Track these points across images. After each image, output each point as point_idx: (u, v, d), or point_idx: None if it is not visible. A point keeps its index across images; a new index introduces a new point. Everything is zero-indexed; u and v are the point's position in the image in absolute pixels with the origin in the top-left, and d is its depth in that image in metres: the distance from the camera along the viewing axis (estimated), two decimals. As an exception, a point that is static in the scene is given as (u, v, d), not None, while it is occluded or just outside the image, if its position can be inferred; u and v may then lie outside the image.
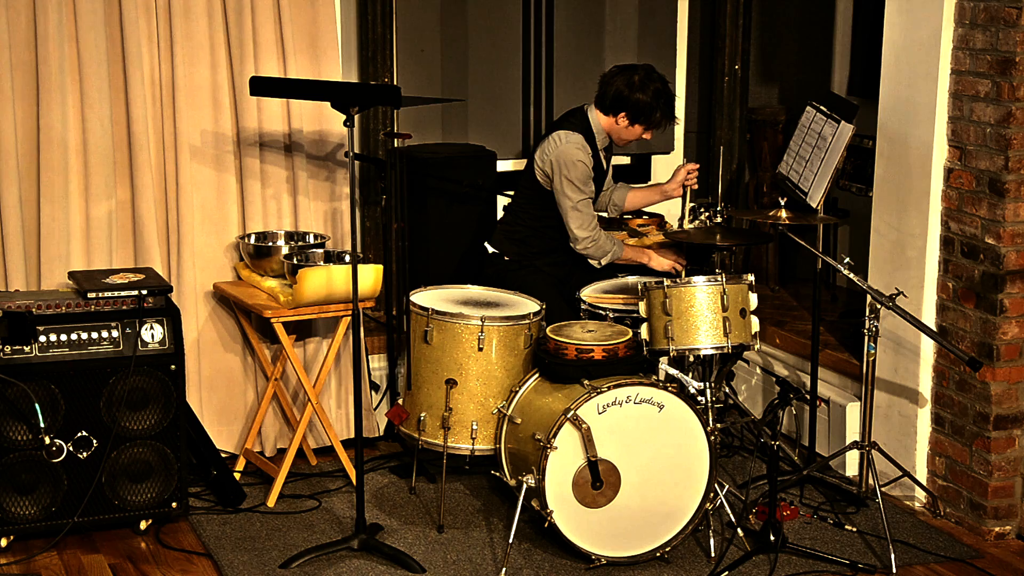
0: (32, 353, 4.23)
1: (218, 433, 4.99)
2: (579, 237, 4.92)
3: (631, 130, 4.97)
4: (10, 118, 4.56)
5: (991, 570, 4.24)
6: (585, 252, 4.96)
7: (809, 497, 4.74)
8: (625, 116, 4.94)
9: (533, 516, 4.28)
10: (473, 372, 4.44)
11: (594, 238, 4.93)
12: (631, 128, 4.96)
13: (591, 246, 4.94)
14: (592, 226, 4.93)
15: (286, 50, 4.90)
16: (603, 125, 4.98)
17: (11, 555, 4.24)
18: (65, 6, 4.58)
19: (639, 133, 4.98)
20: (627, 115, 4.93)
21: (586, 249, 4.94)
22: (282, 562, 4.19)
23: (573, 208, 4.90)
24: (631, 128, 4.96)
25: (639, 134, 4.98)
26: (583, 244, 4.93)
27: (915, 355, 4.67)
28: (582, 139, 4.90)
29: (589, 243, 4.93)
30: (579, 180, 4.88)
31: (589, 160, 4.90)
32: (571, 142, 4.89)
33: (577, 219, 4.91)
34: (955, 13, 4.43)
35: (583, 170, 4.88)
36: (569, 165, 4.87)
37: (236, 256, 4.96)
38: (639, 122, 4.94)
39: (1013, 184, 4.30)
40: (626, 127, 4.96)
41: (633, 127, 4.96)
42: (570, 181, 4.87)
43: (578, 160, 4.87)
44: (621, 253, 5.01)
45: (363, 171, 5.70)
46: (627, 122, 4.95)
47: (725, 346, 4.30)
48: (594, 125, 4.96)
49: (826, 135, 4.72)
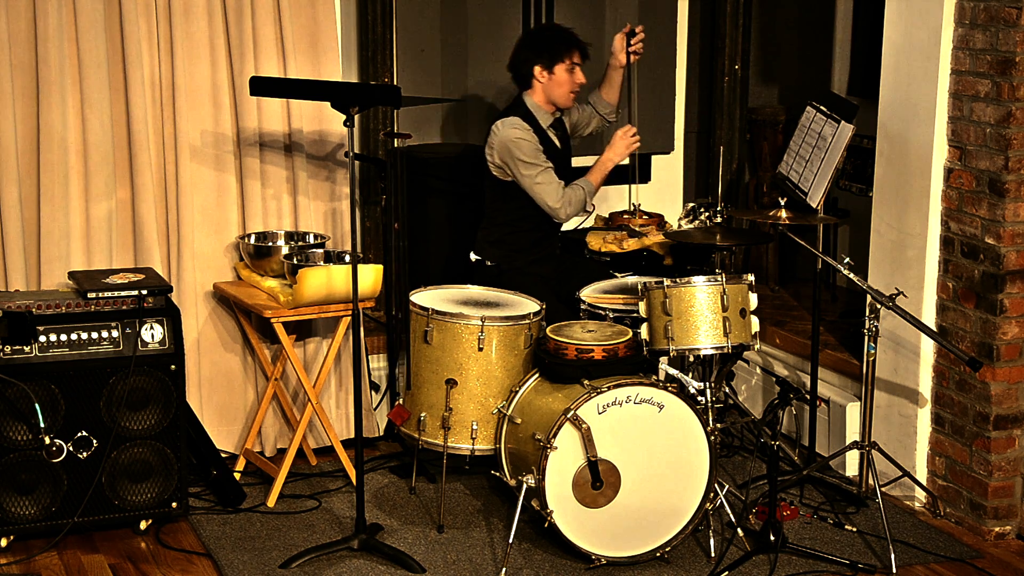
0: (32, 353, 4.23)
1: (218, 433, 4.99)
2: (554, 208, 4.94)
3: (557, 79, 4.97)
4: (10, 118, 4.56)
5: (991, 570, 4.24)
6: (567, 217, 5.00)
7: (809, 497, 4.74)
8: (540, 69, 4.96)
9: (533, 516, 4.28)
10: (473, 372, 4.44)
11: (567, 201, 4.95)
12: (554, 77, 4.97)
13: (569, 209, 4.97)
14: (559, 194, 4.94)
15: (286, 50, 4.90)
16: (537, 99, 5.01)
17: (11, 555, 4.24)
18: (65, 6, 4.58)
19: (565, 77, 4.97)
20: (540, 67, 4.96)
21: (567, 215, 4.98)
22: (282, 562, 4.19)
23: (534, 183, 4.91)
24: (554, 77, 4.97)
25: (567, 79, 4.98)
26: (562, 212, 4.96)
27: (915, 355, 4.67)
28: (518, 119, 4.94)
29: (566, 208, 4.95)
30: (528, 155, 4.90)
31: (530, 135, 4.92)
32: (506, 124, 4.93)
33: (542, 192, 4.92)
34: (955, 13, 4.43)
35: (528, 145, 4.90)
36: (512, 146, 4.89)
37: (236, 256, 4.96)
38: (552, 62, 4.95)
39: (1013, 184, 4.30)
40: (550, 79, 4.97)
41: (554, 74, 4.97)
42: (521, 160, 4.90)
43: (517, 137, 4.89)
44: (593, 187, 5.03)
45: (363, 171, 5.70)
46: (547, 74, 4.97)
47: (725, 346, 4.30)
48: (530, 105, 5.00)
49: (826, 135, 4.72)
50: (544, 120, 5.01)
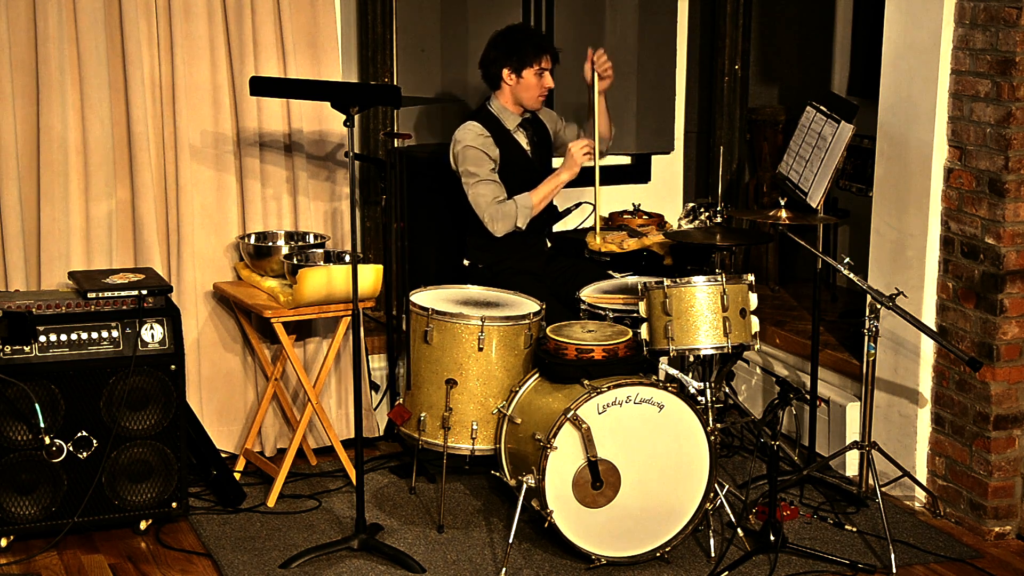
0: (32, 353, 4.23)
1: (218, 433, 4.99)
2: (482, 219, 4.89)
3: (525, 82, 4.93)
4: (10, 118, 4.56)
5: (991, 570, 4.24)
6: (499, 231, 4.90)
7: (809, 497, 4.74)
8: (508, 72, 4.93)
9: (533, 516, 4.28)
10: (473, 372, 4.44)
11: (494, 215, 4.88)
12: (522, 80, 4.93)
13: (496, 224, 4.88)
14: (490, 208, 4.87)
15: (286, 50, 4.90)
16: (504, 100, 4.98)
17: (11, 555, 4.24)
18: (65, 6, 4.58)
19: (534, 81, 4.93)
20: (508, 69, 4.93)
21: (495, 229, 4.89)
22: (282, 562, 4.19)
23: (469, 191, 4.89)
24: (522, 80, 4.93)
25: (535, 83, 4.94)
26: (491, 226, 4.88)
27: (915, 355, 4.67)
28: (475, 125, 4.92)
29: (493, 223, 4.87)
30: (471, 164, 4.89)
31: (480, 142, 4.89)
32: (460, 131, 4.93)
33: (474, 202, 4.89)
34: (955, 13, 4.43)
35: (473, 153, 4.89)
36: (460, 157, 4.91)
37: (236, 256, 4.96)
38: (520, 66, 4.91)
39: (1013, 184, 4.30)
40: (517, 83, 4.94)
41: (522, 78, 4.93)
42: (465, 170, 4.90)
43: (464, 146, 4.89)
44: (530, 203, 4.91)
45: (363, 171, 5.71)
46: (514, 77, 4.93)
47: (725, 346, 4.30)
48: (495, 108, 4.98)
49: (826, 135, 4.72)
50: (510, 122, 5.00)
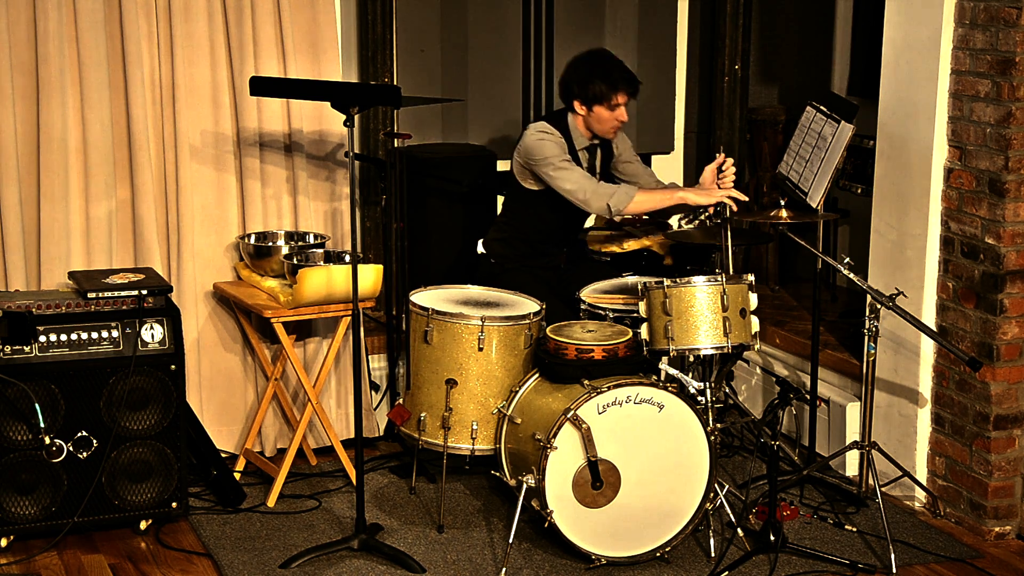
0: (32, 353, 4.23)
1: (218, 433, 4.99)
2: (569, 190, 4.75)
3: (596, 115, 4.84)
4: (10, 118, 4.56)
5: (991, 570, 4.24)
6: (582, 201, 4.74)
7: (809, 497, 4.74)
8: (579, 104, 4.86)
9: (533, 516, 4.28)
10: (473, 372, 4.44)
11: (586, 188, 4.73)
12: (592, 113, 4.84)
13: (586, 195, 4.72)
14: (578, 182, 4.74)
15: (286, 50, 4.90)
16: (576, 123, 4.91)
17: (11, 555, 4.24)
18: (65, 6, 4.58)
19: (606, 115, 4.83)
20: (579, 101, 4.86)
21: (580, 199, 4.74)
22: (282, 562, 4.19)
23: (555, 170, 4.77)
24: (592, 113, 4.84)
25: (608, 116, 4.83)
26: (579, 194, 4.73)
27: (915, 355, 4.66)
28: (545, 124, 4.86)
29: (583, 192, 4.73)
30: (552, 154, 4.78)
31: (557, 137, 4.81)
32: (532, 128, 4.87)
33: (560, 178, 4.77)
34: (955, 13, 4.43)
35: (550, 144, 4.79)
36: (536, 148, 4.81)
37: (236, 256, 4.96)
38: (591, 102, 4.82)
39: (1013, 184, 4.30)
40: (587, 114, 4.86)
41: (593, 110, 4.84)
42: (545, 159, 4.79)
43: (540, 139, 4.80)
44: (632, 195, 4.70)
45: (363, 171, 5.71)
46: (585, 108, 4.86)
47: (725, 346, 4.30)
48: (570, 123, 4.91)
49: (826, 135, 4.72)
50: (579, 142, 4.92)
